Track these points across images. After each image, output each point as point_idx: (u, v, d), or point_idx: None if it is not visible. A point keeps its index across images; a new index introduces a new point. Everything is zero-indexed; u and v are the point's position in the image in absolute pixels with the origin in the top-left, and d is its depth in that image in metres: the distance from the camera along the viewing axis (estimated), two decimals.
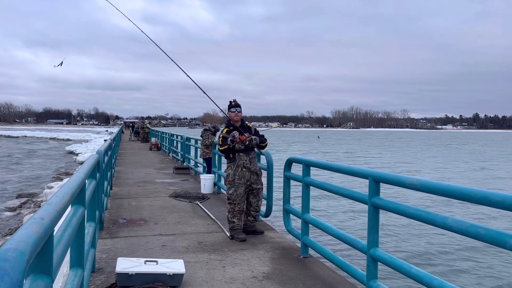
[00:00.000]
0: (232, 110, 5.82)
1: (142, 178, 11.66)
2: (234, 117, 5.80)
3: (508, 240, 2.27)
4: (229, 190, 5.70)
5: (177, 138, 17.42)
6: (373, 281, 3.46)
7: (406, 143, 70.40)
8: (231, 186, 5.67)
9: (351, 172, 4.05)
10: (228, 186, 5.72)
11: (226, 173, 5.74)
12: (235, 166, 5.68)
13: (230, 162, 5.72)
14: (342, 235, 4.16)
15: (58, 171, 22.66)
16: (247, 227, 5.81)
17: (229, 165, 5.74)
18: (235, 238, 5.55)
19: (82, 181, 2.80)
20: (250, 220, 5.82)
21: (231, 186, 5.67)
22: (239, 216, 5.65)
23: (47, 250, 1.65)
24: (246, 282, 4.04)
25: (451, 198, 2.70)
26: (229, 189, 5.70)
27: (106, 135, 57.15)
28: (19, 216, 11.91)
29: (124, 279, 3.74)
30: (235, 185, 5.65)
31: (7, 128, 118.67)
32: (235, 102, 5.84)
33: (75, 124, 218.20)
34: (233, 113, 5.80)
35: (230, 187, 5.69)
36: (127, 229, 6.01)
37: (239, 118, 5.83)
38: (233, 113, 5.80)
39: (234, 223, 5.61)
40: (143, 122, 34.24)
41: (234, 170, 5.67)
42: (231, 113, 5.82)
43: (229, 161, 5.75)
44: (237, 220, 5.62)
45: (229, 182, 5.69)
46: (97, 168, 4.56)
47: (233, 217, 5.62)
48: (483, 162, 34.29)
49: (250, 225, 5.82)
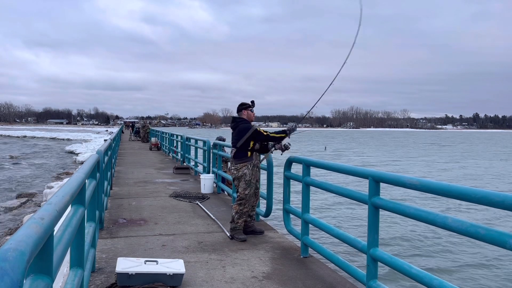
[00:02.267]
0: (252, 110, 5.88)
1: (142, 178, 11.66)
2: (253, 117, 5.89)
3: (508, 240, 2.27)
4: (245, 190, 5.60)
5: (177, 138, 17.41)
6: (373, 281, 3.46)
7: (397, 142, 71.39)
8: (247, 186, 5.59)
9: (351, 172, 4.05)
10: (244, 186, 5.59)
11: (242, 172, 5.60)
12: (252, 165, 5.62)
13: (246, 162, 5.60)
14: (342, 235, 4.16)
15: (58, 171, 22.67)
16: (246, 228, 5.78)
17: (244, 164, 5.61)
18: (236, 238, 5.53)
19: (82, 181, 2.80)
20: (248, 220, 5.80)
21: (248, 186, 5.59)
22: (244, 218, 5.65)
23: (47, 250, 1.65)
24: (246, 282, 4.04)
25: (451, 198, 2.70)
26: (245, 189, 5.59)
27: (106, 135, 57.13)
28: (19, 216, 11.91)
29: (124, 279, 3.74)
30: (251, 185, 5.62)
31: (7, 128, 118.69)
32: (253, 103, 5.93)
33: (75, 124, 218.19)
34: (253, 113, 5.89)
35: (246, 187, 5.60)
36: (127, 229, 6.01)
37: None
38: (253, 113, 5.89)
39: (238, 224, 5.59)
40: (145, 122, 34.18)
41: (251, 170, 5.62)
42: (251, 113, 5.86)
43: (244, 160, 5.61)
44: (242, 222, 5.61)
45: (246, 182, 5.59)
46: (97, 168, 4.56)
47: (240, 218, 5.58)
48: (464, 160, 35.65)
49: (248, 225, 5.80)
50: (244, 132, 5.58)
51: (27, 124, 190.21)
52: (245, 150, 5.59)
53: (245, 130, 5.59)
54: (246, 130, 5.57)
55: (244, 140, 5.57)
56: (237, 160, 5.66)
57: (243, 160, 5.62)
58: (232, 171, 5.74)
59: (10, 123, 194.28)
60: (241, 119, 5.76)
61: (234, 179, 5.72)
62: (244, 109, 5.82)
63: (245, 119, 5.77)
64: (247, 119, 5.79)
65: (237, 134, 5.66)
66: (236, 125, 5.73)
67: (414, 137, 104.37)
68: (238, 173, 5.64)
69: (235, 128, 5.74)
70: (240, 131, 5.62)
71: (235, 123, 5.77)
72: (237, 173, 5.65)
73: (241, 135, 5.60)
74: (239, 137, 5.61)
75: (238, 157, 5.66)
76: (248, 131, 5.56)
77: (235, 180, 5.72)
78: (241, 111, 5.82)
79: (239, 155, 5.65)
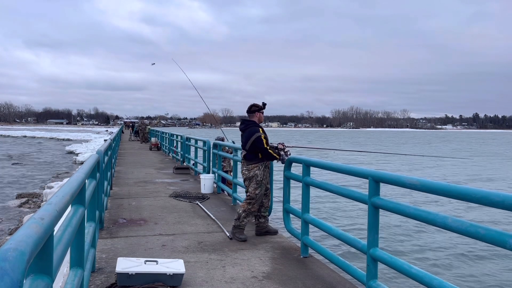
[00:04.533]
0: (263, 112, 5.92)
1: (142, 178, 11.66)
2: (262, 119, 5.93)
3: (508, 240, 2.28)
4: (255, 190, 5.63)
5: (177, 138, 17.42)
6: (373, 281, 3.46)
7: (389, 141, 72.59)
8: (258, 186, 5.64)
9: (351, 172, 4.05)
10: (255, 186, 5.63)
11: (253, 173, 5.64)
12: (263, 166, 5.68)
13: (258, 162, 5.65)
14: (342, 235, 4.16)
15: (58, 171, 22.68)
16: (260, 229, 5.84)
17: (256, 165, 5.65)
18: (236, 238, 5.54)
19: (82, 181, 2.80)
20: (262, 221, 5.84)
21: (258, 186, 5.64)
22: (251, 218, 5.68)
23: (47, 250, 1.65)
24: (246, 282, 4.04)
25: (451, 198, 2.71)
26: (255, 188, 5.63)
27: (106, 135, 57.12)
28: (19, 216, 11.91)
29: (124, 279, 3.74)
30: (261, 185, 5.66)
31: (7, 128, 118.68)
32: (264, 105, 5.96)
33: (75, 124, 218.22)
34: (263, 115, 5.93)
35: (257, 187, 5.64)
36: (127, 229, 6.01)
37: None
38: (263, 115, 5.93)
39: (243, 223, 5.61)
40: (142, 122, 34.09)
41: (262, 170, 5.66)
42: (262, 116, 5.90)
43: (256, 162, 5.65)
44: (247, 221, 5.63)
45: (257, 182, 5.63)
46: (97, 168, 4.56)
47: (246, 217, 5.61)
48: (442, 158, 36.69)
49: (262, 226, 5.85)
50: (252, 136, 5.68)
51: (27, 124, 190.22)
52: (255, 152, 5.64)
53: (253, 133, 5.64)
54: (254, 134, 5.64)
55: (251, 144, 5.63)
56: (248, 162, 5.71)
57: (254, 161, 5.67)
58: (243, 172, 5.78)
59: (10, 123, 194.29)
60: (251, 122, 5.79)
61: (245, 179, 5.75)
62: (257, 111, 5.85)
63: (255, 122, 5.81)
64: (258, 121, 5.84)
65: (247, 137, 5.70)
66: (246, 128, 5.77)
67: (402, 136, 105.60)
68: (249, 173, 5.68)
69: (244, 131, 5.79)
70: (250, 134, 5.66)
71: (245, 125, 5.81)
72: (248, 173, 5.69)
73: (250, 139, 5.65)
74: (248, 140, 5.66)
75: (249, 158, 5.71)
76: (254, 134, 5.62)
77: (246, 180, 5.75)
78: (254, 113, 5.84)
79: (249, 157, 5.71)
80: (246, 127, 5.77)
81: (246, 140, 5.70)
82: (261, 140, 5.56)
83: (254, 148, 5.63)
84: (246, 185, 5.80)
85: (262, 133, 5.64)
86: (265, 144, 5.58)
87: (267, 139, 5.66)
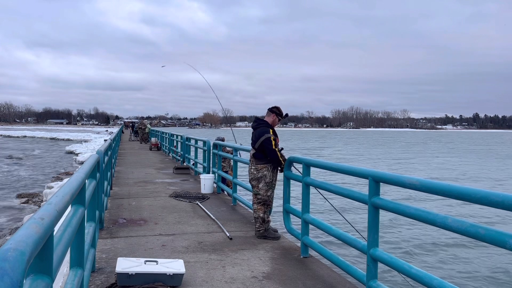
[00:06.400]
0: (280, 119, 5.88)
1: (142, 178, 11.66)
2: (276, 123, 5.88)
3: (508, 240, 2.28)
4: (267, 192, 5.60)
5: (177, 138, 17.41)
6: (373, 281, 3.46)
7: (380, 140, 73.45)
8: (269, 188, 5.61)
9: (351, 172, 4.05)
10: (265, 187, 5.59)
11: (262, 173, 5.60)
12: (272, 167, 5.64)
13: (267, 163, 5.60)
14: (342, 235, 4.16)
15: (58, 171, 22.67)
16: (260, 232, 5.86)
17: (265, 166, 5.60)
18: (271, 238, 5.58)
19: (82, 181, 2.80)
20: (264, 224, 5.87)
21: (269, 187, 5.61)
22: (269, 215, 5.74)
23: (47, 250, 1.65)
24: (246, 282, 4.04)
25: (451, 198, 2.70)
26: (267, 191, 5.60)
27: (106, 135, 57.11)
28: (19, 216, 11.91)
29: (124, 279, 3.74)
30: (272, 187, 5.65)
31: (7, 128, 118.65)
32: (284, 116, 5.96)
33: (75, 124, 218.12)
34: (278, 121, 5.87)
35: (268, 189, 5.60)
36: (127, 229, 6.01)
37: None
38: (278, 121, 5.87)
39: (269, 222, 5.67)
40: (142, 123, 34.01)
41: (271, 171, 5.63)
42: (277, 120, 5.84)
43: (265, 162, 5.60)
44: (270, 219, 5.69)
45: (267, 184, 5.60)
46: (97, 168, 4.56)
47: (268, 216, 5.66)
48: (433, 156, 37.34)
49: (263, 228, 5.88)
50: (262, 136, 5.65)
51: (27, 124, 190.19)
52: (263, 151, 5.61)
53: (263, 133, 5.62)
54: (264, 134, 5.61)
55: (260, 143, 5.61)
56: (258, 161, 5.66)
57: (264, 161, 5.62)
58: (252, 171, 5.71)
59: (10, 123, 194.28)
60: (263, 122, 5.78)
61: (253, 179, 5.68)
62: (276, 113, 5.81)
63: (267, 122, 5.77)
64: (271, 123, 5.79)
65: (256, 136, 5.68)
66: (257, 126, 5.75)
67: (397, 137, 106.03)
68: (258, 173, 5.64)
69: (255, 129, 5.77)
70: (260, 133, 5.64)
71: (257, 124, 5.79)
72: (257, 173, 5.64)
73: (259, 138, 5.63)
74: (257, 139, 5.64)
75: (259, 157, 5.66)
76: (264, 134, 5.60)
77: (253, 180, 5.68)
78: (272, 114, 5.81)
79: (259, 156, 5.66)
80: (258, 126, 5.74)
81: (256, 139, 5.66)
82: (270, 141, 5.52)
83: (262, 148, 5.59)
84: (253, 185, 5.72)
85: (272, 135, 5.61)
86: (273, 145, 5.54)
87: (276, 142, 5.61)
